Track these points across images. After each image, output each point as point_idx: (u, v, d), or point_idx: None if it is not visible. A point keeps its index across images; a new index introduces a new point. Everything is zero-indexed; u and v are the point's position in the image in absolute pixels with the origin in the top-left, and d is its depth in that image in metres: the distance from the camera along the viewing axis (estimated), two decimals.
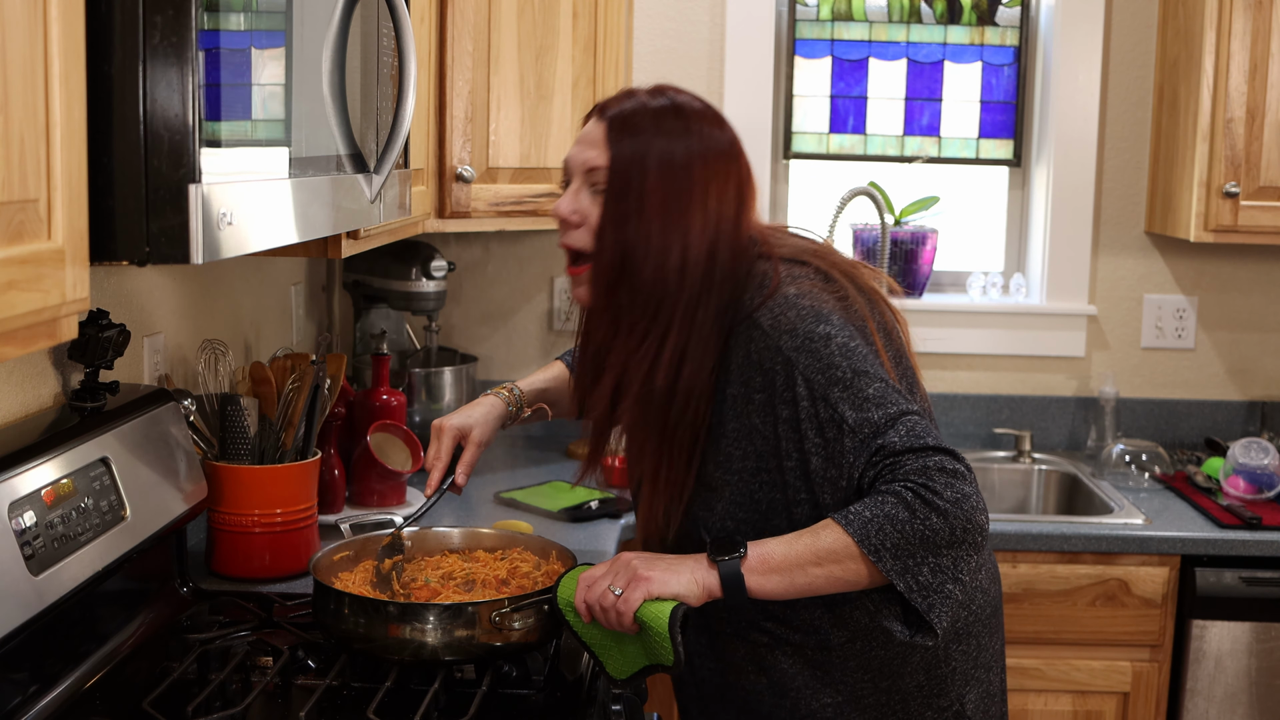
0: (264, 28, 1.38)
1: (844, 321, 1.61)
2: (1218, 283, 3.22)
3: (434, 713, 1.56)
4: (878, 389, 1.57)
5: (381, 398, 2.58)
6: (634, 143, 1.63)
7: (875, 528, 1.50)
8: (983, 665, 1.73)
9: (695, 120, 1.67)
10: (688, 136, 1.65)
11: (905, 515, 1.50)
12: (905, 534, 1.50)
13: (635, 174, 1.62)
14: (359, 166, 1.66)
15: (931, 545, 1.50)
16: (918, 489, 1.50)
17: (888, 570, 1.50)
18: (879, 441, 1.54)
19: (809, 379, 1.57)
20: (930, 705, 1.68)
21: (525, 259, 3.25)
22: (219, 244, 1.25)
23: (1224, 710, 2.63)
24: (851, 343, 1.59)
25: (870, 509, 1.51)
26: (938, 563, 1.51)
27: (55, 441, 1.60)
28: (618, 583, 1.56)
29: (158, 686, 1.59)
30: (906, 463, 1.52)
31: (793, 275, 1.65)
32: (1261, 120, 2.80)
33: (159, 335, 2.11)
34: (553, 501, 2.64)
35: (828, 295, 1.64)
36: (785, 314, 1.60)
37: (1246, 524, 2.62)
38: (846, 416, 1.56)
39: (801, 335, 1.58)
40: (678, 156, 1.63)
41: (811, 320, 1.59)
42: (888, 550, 1.50)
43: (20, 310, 1.05)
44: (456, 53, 2.56)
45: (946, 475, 1.51)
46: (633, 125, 1.65)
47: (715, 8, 3.17)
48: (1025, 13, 3.24)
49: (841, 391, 1.56)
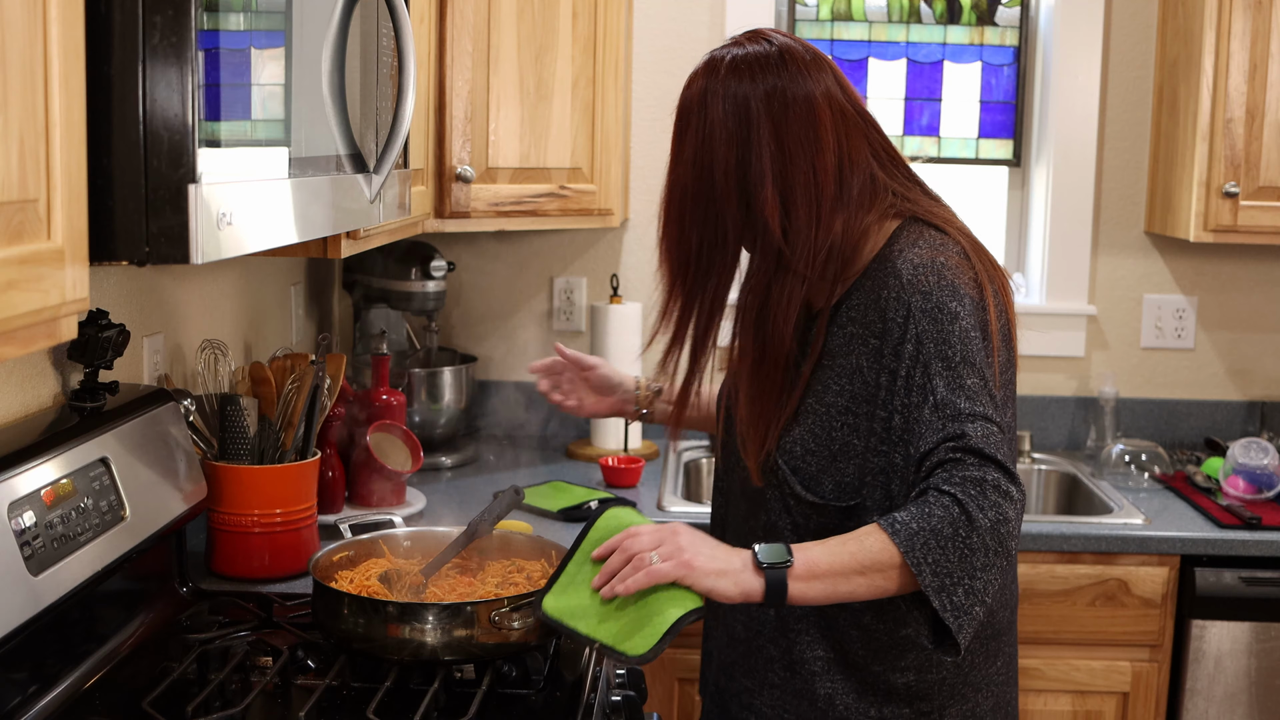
0: (263, 28, 1.38)
1: (974, 309, 1.63)
2: (1217, 283, 3.22)
3: (434, 713, 1.56)
4: (974, 384, 1.59)
5: (381, 398, 2.58)
6: (701, 86, 1.70)
7: (920, 541, 1.51)
8: (972, 685, 1.73)
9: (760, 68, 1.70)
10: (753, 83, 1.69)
11: (949, 531, 1.51)
12: (946, 551, 1.51)
13: (690, 115, 1.70)
14: (359, 166, 1.66)
15: (968, 566, 1.51)
16: (965, 502, 1.51)
17: (926, 586, 1.51)
18: (956, 428, 1.55)
19: (920, 342, 1.60)
20: (911, 705, 1.70)
21: (525, 259, 3.25)
22: (219, 244, 1.25)
23: (1224, 710, 2.63)
24: (972, 332, 1.62)
25: (917, 520, 1.52)
26: (971, 585, 1.52)
27: (55, 441, 1.60)
28: (661, 554, 1.56)
29: (157, 686, 1.59)
30: (969, 467, 1.53)
31: (944, 244, 1.70)
32: (1261, 120, 2.80)
33: (159, 335, 2.11)
34: (552, 501, 2.64)
35: (970, 278, 1.66)
36: (927, 276, 1.64)
37: (1246, 524, 2.62)
38: (937, 389, 1.58)
39: (934, 301, 1.62)
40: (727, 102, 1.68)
41: (947, 293, 1.62)
42: (929, 566, 1.51)
43: (20, 310, 1.05)
44: (456, 53, 2.56)
45: (998, 494, 1.52)
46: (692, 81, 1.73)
47: (715, 8, 3.17)
48: (1025, 13, 3.24)
49: (942, 367, 1.59)
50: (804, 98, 1.68)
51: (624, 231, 3.23)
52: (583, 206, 2.77)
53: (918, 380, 1.60)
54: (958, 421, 1.56)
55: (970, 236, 1.76)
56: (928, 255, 1.66)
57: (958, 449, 1.54)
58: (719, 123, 1.67)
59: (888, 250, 1.69)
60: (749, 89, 1.67)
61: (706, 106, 1.68)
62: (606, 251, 3.24)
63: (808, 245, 1.66)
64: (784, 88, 1.68)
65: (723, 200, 1.66)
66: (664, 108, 3.18)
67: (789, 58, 1.69)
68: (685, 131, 1.70)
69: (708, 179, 1.67)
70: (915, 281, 1.63)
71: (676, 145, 1.71)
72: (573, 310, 3.26)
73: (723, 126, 1.67)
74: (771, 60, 1.69)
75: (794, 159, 1.66)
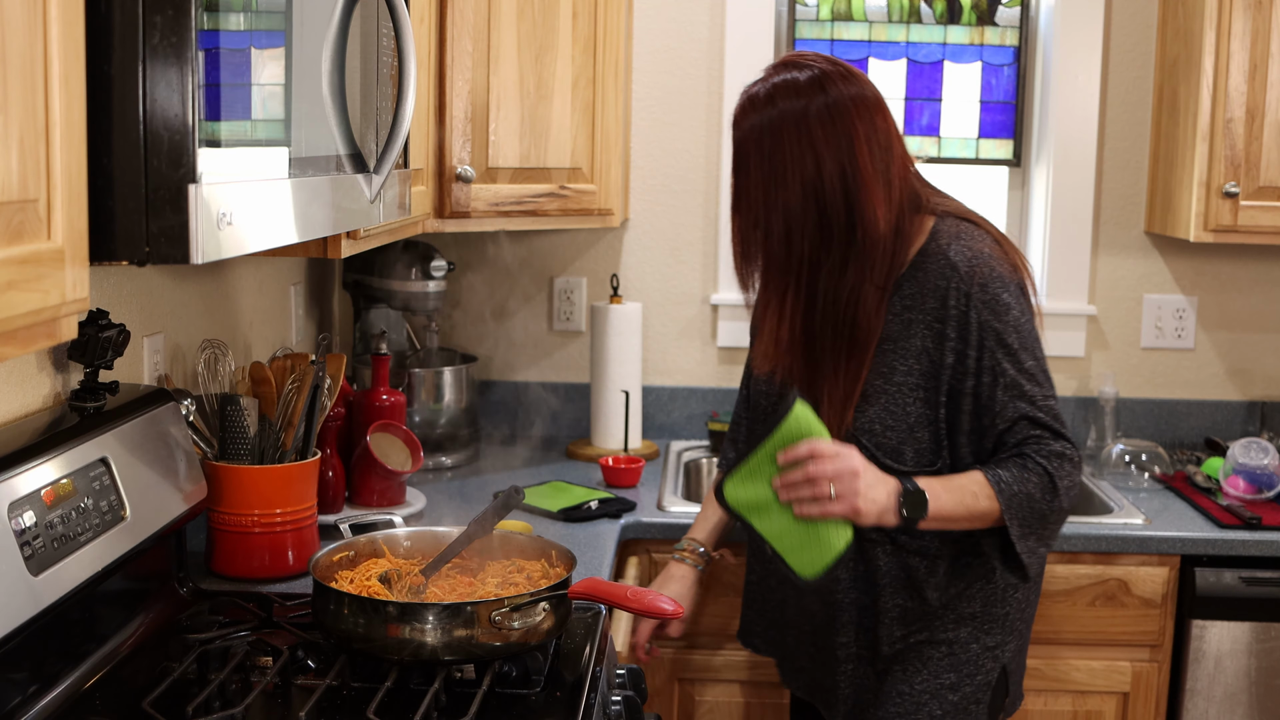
0: (264, 28, 1.38)
1: (1019, 296, 1.92)
2: (1217, 283, 3.22)
3: (434, 713, 1.56)
4: (1032, 365, 1.91)
5: (381, 398, 2.58)
6: (736, 133, 1.96)
7: (1019, 502, 1.88)
8: (1025, 620, 2.06)
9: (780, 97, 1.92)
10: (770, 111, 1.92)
11: (1039, 495, 1.88)
12: (1035, 509, 1.89)
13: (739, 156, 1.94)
14: (359, 166, 1.66)
15: (1045, 520, 1.90)
16: (1054, 473, 1.88)
17: (1015, 534, 1.89)
18: (1026, 406, 1.89)
19: (983, 333, 1.90)
20: (978, 640, 2.00)
21: (525, 259, 3.25)
22: (219, 244, 1.25)
23: (1224, 710, 2.63)
24: (1023, 318, 1.92)
25: (1019, 484, 1.88)
26: (1043, 533, 1.91)
27: (55, 441, 1.60)
28: (837, 489, 1.83)
29: (158, 686, 1.59)
30: (1049, 442, 1.89)
31: (982, 237, 1.96)
32: (1261, 120, 2.80)
33: (159, 335, 2.11)
34: (552, 501, 2.64)
35: (1010, 268, 1.94)
36: (980, 267, 1.91)
37: (1246, 524, 2.62)
38: (1006, 371, 1.90)
39: (990, 293, 1.90)
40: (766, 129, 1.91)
41: (999, 285, 1.91)
42: (1018, 519, 1.88)
43: (20, 310, 1.05)
44: (456, 53, 2.56)
45: (1071, 465, 1.90)
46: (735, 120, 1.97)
47: (715, 8, 3.17)
48: (1025, 13, 3.24)
49: (1005, 354, 1.90)
50: (874, 100, 1.93)
51: (624, 231, 3.23)
52: (583, 206, 2.77)
53: (986, 363, 1.90)
54: (1026, 400, 1.90)
55: (994, 227, 2.01)
56: (975, 248, 1.93)
57: (1035, 424, 1.89)
58: (821, 139, 1.88)
59: (934, 244, 1.95)
60: (842, 92, 1.89)
61: (805, 121, 1.89)
62: (606, 251, 3.24)
63: (878, 235, 1.89)
64: (860, 94, 1.91)
65: (832, 207, 1.88)
66: (664, 108, 3.19)
67: (843, 68, 1.93)
68: (778, 153, 1.90)
69: (814, 191, 1.88)
70: (971, 274, 1.90)
71: (768, 168, 1.91)
72: (573, 310, 3.26)
73: (825, 142, 1.88)
74: (839, 73, 1.92)
75: (881, 158, 1.90)
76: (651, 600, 1.71)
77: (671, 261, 3.24)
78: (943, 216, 1.98)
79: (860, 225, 1.89)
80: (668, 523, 2.61)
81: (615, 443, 3.05)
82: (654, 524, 2.61)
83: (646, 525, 2.61)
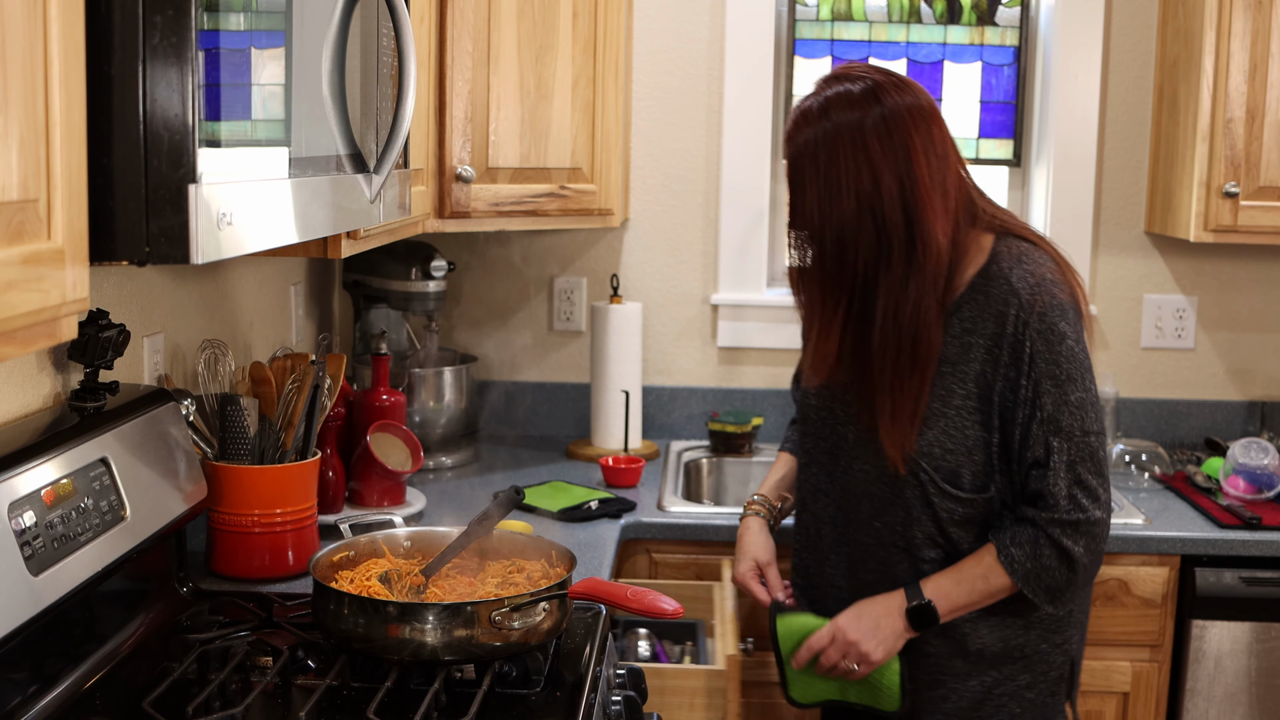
0: (264, 28, 1.38)
1: (1076, 323, 1.92)
2: (1218, 283, 3.22)
3: (434, 713, 1.56)
4: (1079, 398, 1.90)
5: (381, 398, 2.58)
6: (790, 148, 1.94)
7: (1034, 577, 1.93)
8: (1085, 613, 2.09)
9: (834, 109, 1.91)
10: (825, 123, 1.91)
11: (1056, 567, 1.92)
12: (1054, 581, 1.93)
13: (794, 171, 1.94)
14: (359, 166, 1.66)
15: (1071, 584, 1.94)
16: (1069, 549, 1.90)
17: (1039, 601, 1.95)
18: (1058, 443, 1.88)
19: (1034, 360, 1.89)
20: (1047, 640, 2.01)
21: (525, 259, 3.25)
22: (219, 244, 1.25)
23: (1224, 710, 2.63)
24: (1077, 348, 1.91)
25: (1032, 560, 1.92)
26: (1068, 593, 1.95)
27: (55, 441, 1.60)
28: (850, 662, 1.99)
29: (158, 686, 1.59)
30: (1062, 509, 1.90)
31: (1043, 260, 1.95)
32: (1261, 120, 2.80)
33: (159, 335, 2.11)
34: (552, 502, 2.64)
35: (1069, 294, 1.93)
36: (1041, 295, 1.90)
37: (1246, 524, 2.62)
38: (1045, 405, 1.89)
39: (1048, 322, 1.89)
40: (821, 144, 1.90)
41: (1058, 314, 1.90)
42: (1041, 590, 1.94)
43: (20, 310, 1.05)
44: (456, 53, 2.56)
45: (1088, 532, 1.90)
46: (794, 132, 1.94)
47: (715, 8, 3.17)
48: (1025, 13, 3.24)
49: (1052, 386, 1.89)
50: (930, 109, 1.92)
51: (624, 231, 3.23)
52: (583, 206, 2.77)
53: (1028, 394, 1.89)
54: (1059, 436, 1.89)
55: (1051, 246, 2.00)
56: (1038, 273, 1.92)
57: (1054, 480, 1.89)
58: (878, 152, 1.86)
59: (995, 266, 1.94)
60: (897, 102, 1.90)
61: (861, 134, 1.87)
62: (606, 251, 3.24)
63: (938, 249, 1.88)
64: (915, 104, 1.90)
65: (890, 221, 1.87)
66: (664, 108, 3.19)
67: (896, 78, 1.93)
68: (833, 168, 1.88)
69: (870, 206, 1.87)
70: (1033, 301, 1.89)
71: (823, 183, 1.89)
72: (573, 310, 3.26)
73: (882, 155, 1.86)
74: (893, 83, 1.92)
75: (939, 169, 1.89)
76: (652, 600, 1.71)
77: (671, 261, 3.24)
78: (1002, 235, 1.97)
79: (920, 240, 1.87)
80: (668, 523, 2.61)
81: (615, 443, 3.05)
82: (654, 524, 2.61)
83: (646, 525, 2.61)
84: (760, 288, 3.23)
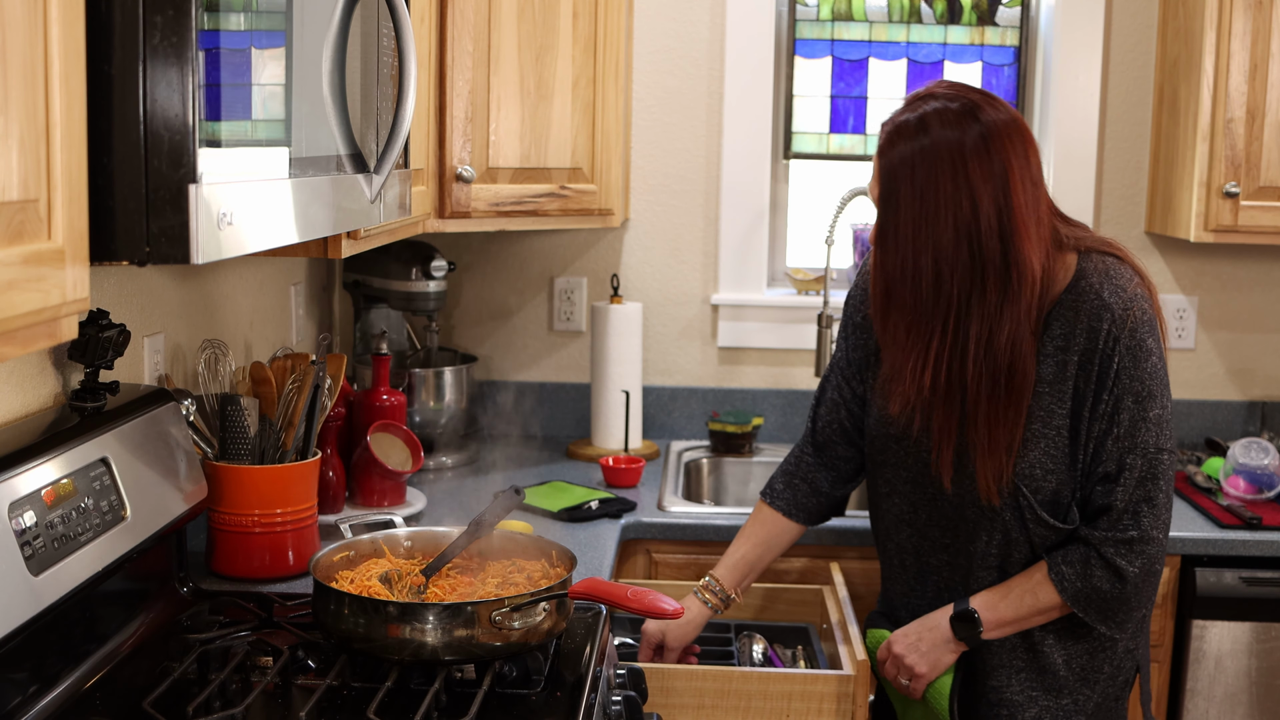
0: (264, 28, 1.38)
1: (1158, 339, 1.90)
2: (1218, 283, 3.22)
3: (434, 713, 1.56)
4: (1157, 414, 1.89)
5: (381, 398, 2.58)
6: (884, 162, 1.89)
7: (1084, 596, 1.91)
8: (1147, 618, 2.07)
9: (932, 125, 1.86)
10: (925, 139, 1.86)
11: (1108, 588, 1.90)
12: (1106, 600, 1.91)
13: (887, 187, 1.88)
14: (359, 166, 1.66)
15: (1125, 603, 1.91)
16: (1121, 567, 1.88)
17: (1093, 621, 1.92)
18: (1132, 460, 1.87)
19: (1119, 376, 1.87)
20: (1124, 646, 2.00)
21: (525, 259, 3.25)
22: (219, 244, 1.25)
23: (1224, 710, 2.63)
24: (1160, 364, 1.90)
25: (1082, 580, 1.90)
26: (1125, 614, 1.93)
27: (55, 441, 1.60)
28: (903, 676, 2.02)
29: (158, 686, 1.59)
30: (1121, 525, 1.88)
31: (1130, 276, 1.92)
32: (1261, 120, 2.80)
33: (159, 335, 2.11)
34: (553, 502, 2.64)
35: (1153, 308, 1.91)
36: (1134, 310, 1.88)
37: (1246, 524, 2.62)
38: (1122, 420, 1.88)
39: (1137, 339, 1.88)
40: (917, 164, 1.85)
41: (1146, 329, 1.89)
42: (1093, 610, 1.92)
43: (20, 310, 1.05)
44: (456, 53, 2.56)
45: (1143, 544, 1.88)
46: (890, 146, 1.89)
47: (715, 8, 3.17)
48: (1025, 13, 3.24)
49: (1133, 402, 1.88)
50: (1023, 128, 1.88)
51: (624, 231, 3.23)
52: (583, 206, 2.77)
53: (1108, 409, 1.88)
54: (1134, 453, 1.87)
55: (1130, 255, 1.97)
56: (1128, 290, 1.89)
57: (1120, 495, 1.87)
58: (978, 176, 1.82)
59: (1084, 282, 1.91)
60: (994, 119, 1.84)
61: (961, 154, 1.82)
62: (607, 251, 3.24)
63: (1033, 278, 1.85)
64: (1011, 121, 1.87)
65: (987, 248, 1.83)
66: (664, 108, 3.19)
67: (986, 94, 1.90)
68: (930, 188, 1.83)
69: (968, 231, 1.82)
70: (1125, 316, 1.87)
71: (920, 204, 1.84)
72: (573, 310, 3.26)
73: (982, 179, 1.82)
74: (987, 100, 1.88)
75: (1032, 195, 1.86)
76: (652, 600, 1.71)
77: (672, 261, 3.24)
78: (1086, 253, 1.94)
79: (1015, 268, 1.83)
80: (668, 523, 2.61)
81: (615, 443, 3.05)
82: (654, 524, 2.61)
83: (647, 525, 2.61)
84: (760, 288, 3.23)
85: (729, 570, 2.21)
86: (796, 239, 3.34)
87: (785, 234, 3.33)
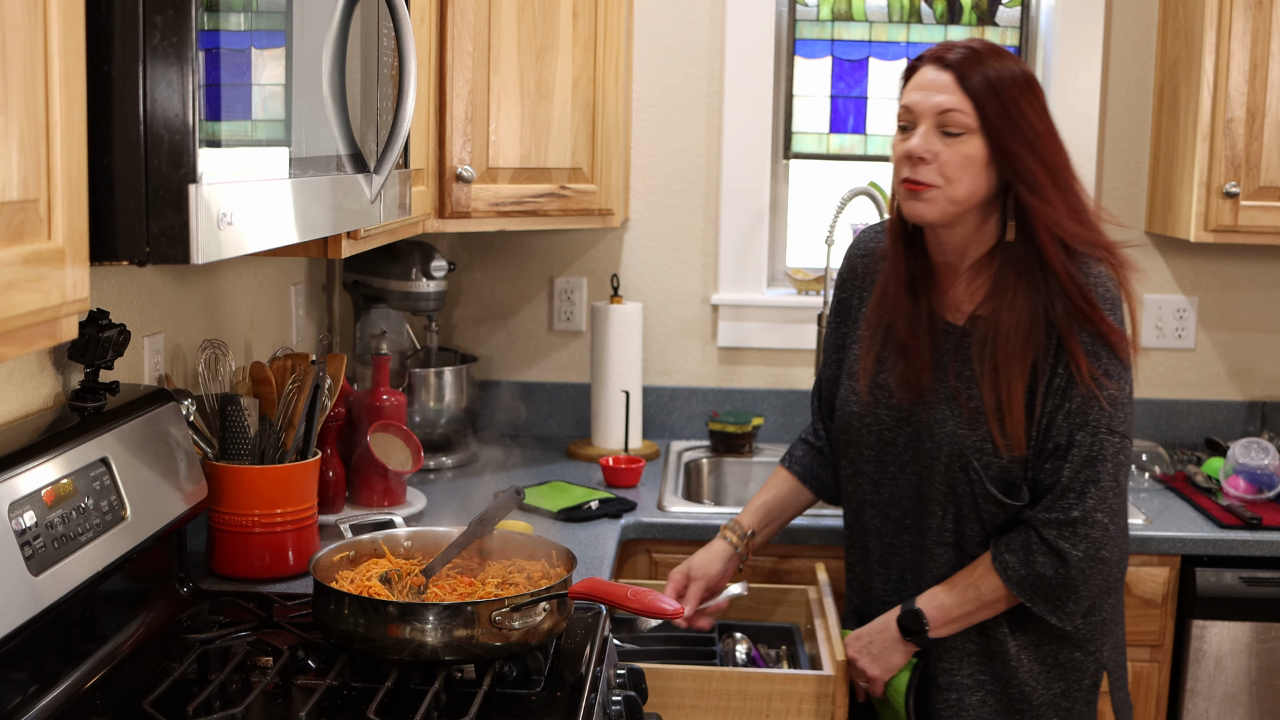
0: (264, 28, 1.38)
1: (1123, 318, 1.93)
2: (1218, 283, 3.22)
3: (434, 713, 1.56)
4: (1111, 395, 1.89)
5: (381, 398, 2.58)
6: (982, 79, 1.91)
7: (1028, 585, 1.91)
8: (1115, 620, 2.06)
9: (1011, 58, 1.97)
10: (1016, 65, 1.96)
11: (1052, 573, 1.89)
12: (1049, 587, 1.90)
13: (997, 102, 1.92)
14: (359, 166, 1.66)
15: (1071, 589, 1.90)
16: (1062, 549, 1.87)
17: (1041, 611, 1.92)
18: (1079, 444, 1.87)
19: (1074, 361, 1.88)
20: (1080, 648, 1.99)
21: (525, 259, 3.25)
22: (219, 244, 1.25)
23: (1224, 710, 2.63)
24: (1123, 345, 1.91)
25: (1024, 566, 1.90)
26: (1073, 602, 1.91)
27: (55, 441, 1.60)
28: (858, 679, 2.05)
29: (158, 686, 1.59)
30: (1062, 505, 1.88)
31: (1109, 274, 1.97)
32: (1261, 120, 2.80)
33: (159, 335, 2.11)
34: (553, 502, 2.64)
35: (1118, 291, 1.94)
36: (1090, 292, 1.90)
37: (1246, 524, 2.62)
38: (1074, 396, 1.87)
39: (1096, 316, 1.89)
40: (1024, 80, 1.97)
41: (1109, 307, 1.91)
42: (1041, 599, 1.91)
43: (20, 310, 1.05)
44: (456, 53, 2.56)
45: (1086, 527, 1.87)
46: (974, 67, 1.92)
47: (715, 8, 3.17)
48: (1025, 13, 3.24)
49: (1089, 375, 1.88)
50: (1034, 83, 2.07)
51: (624, 231, 3.23)
52: (583, 206, 2.77)
53: (1061, 383, 1.89)
54: (1084, 431, 1.87)
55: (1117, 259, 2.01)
56: (1109, 288, 1.93)
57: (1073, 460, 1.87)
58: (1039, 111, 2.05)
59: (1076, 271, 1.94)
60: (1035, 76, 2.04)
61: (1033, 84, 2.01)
62: (607, 251, 3.24)
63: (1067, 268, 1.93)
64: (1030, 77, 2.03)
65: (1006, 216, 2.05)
66: (664, 108, 3.19)
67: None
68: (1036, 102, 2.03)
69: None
70: (1084, 295, 1.90)
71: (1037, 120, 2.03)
72: (573, 310, 3.26)
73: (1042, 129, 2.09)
74: None
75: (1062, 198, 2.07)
76: (652, 600, 1.71)
77: (671, 261, 3.24)
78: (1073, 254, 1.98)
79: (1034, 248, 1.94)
80: (668, 523, 2.61)
81: (615, 443, 3.05)
82: (654, 524, 2.61)
83: (647, 525, 2.61)
84: (760, 288, 3.23)
85: (750, 513, 2.29)
86: (796, 239, 3.34)
87: (785, 234, 3.33)
